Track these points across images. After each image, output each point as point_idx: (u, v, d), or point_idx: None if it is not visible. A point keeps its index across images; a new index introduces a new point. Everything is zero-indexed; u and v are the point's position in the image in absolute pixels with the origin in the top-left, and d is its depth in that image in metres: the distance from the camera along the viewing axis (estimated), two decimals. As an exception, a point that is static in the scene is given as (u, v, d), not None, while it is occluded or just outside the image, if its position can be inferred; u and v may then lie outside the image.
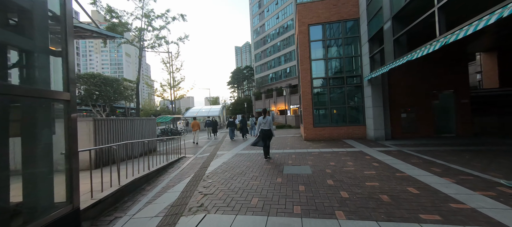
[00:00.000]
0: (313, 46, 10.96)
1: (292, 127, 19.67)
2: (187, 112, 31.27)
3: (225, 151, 9.00)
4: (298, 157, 6.90)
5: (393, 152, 6.92)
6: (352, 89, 10.69)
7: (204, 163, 7.01)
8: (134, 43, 15.13)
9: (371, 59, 9.37)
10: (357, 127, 10.29)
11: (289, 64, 43.94)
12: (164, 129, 18.30)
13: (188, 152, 10.18)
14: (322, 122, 10.88)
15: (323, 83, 10.96)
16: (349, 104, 10.54)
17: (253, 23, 57.19)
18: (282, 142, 10.58)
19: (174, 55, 21.73)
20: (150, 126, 10.62)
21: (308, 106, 10.76)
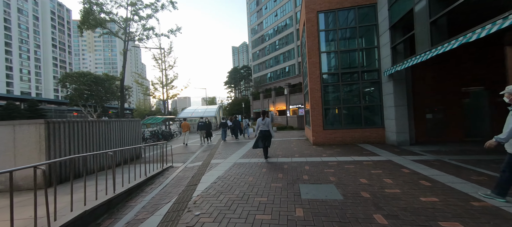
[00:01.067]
0: (322, 37, 9.53)
1: (294, 128, 18.24)
2: (182, 112, 29.58)
3: (220, 158, 7.48)
4: (314, 168, 5.43)
5: (432, 162, 5.51)
6: (368, 86, 9.30)
7: (193, 177, 5.48)
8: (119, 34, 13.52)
9: (392, 51, 7.98)
10: (375, 129, 8.89)
11: (288, 63, 42.59)
12: (154, 131, 16.67)
13: (177, 159, 8.63)
14: (333, 124, 9.46)
15: (334, 79, 9.54)
16: (365, 104, 9.13)
17: (251, 21, 55.70)
18: (287, 147, 9.11)
19: (166, 51, 20.12)
20: (132, 128, 9.03)
21: (317, 105, 9.32)
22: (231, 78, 75.20)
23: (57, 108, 49.32)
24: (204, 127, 12.72)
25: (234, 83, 76.11)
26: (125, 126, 8.49)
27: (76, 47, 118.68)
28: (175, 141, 16.16)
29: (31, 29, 76.19)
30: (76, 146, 5.88)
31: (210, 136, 12.79)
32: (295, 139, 11.75)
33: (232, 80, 75.24)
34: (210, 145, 11.87)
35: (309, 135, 10.47)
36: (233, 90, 79.52)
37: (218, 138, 15.10)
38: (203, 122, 12.88)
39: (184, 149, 11.54)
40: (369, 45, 9.27)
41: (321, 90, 9.31)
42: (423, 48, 6.15)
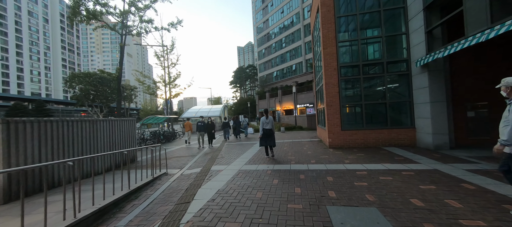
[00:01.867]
0: (340, 24, 8.29)
1: (304, 129, 17.00)
2: (186, 112, 28.80)
3: (222, 164, 6.39)
4: (339, 180, 4.25)
5: (495, 173, 4.22)
6: (395, 80, 8.00)
7: (188, 190, 4.41)
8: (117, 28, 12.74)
9: (428, 36, 6.67)
10: (403, 130, 7.59)
11: (295, 61, 41.21)
12: (156, 132, 15.79)
13: (174, 163, 7.60)
14: (353, 124, 8.21)
15: (354, 72, 8.28)
16: (391, 100, 7.83)
17: (256, 19, 54.55)
18: (300, 150, 7.93)
19: (168, 48, 19.27)
20: (125, 129, 8.07)
21: (333, 103, 8.09)
22: (236, 78, 74.31)
23: (64, 108, 49.74)
24: (203, 128, 10.78)
25: (240, 83, 75.19)
26: (116, 126, 7.52)
27: (84, 48, 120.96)
28: (178, 142, 15.23)
29: (41, 31, 77.73)
30: (50, 151, 4.92)
31: (212, 138, 10.75)
32: (307, 141, 10.54)
33: (237, 80, 74.35)
34: (211, 148, 10.34)
35: (324, 136, 9.24)
36: (238, 90, 78.62)
37: (221, 139, 14.07)
38: (203, 122, 10.87)
39: (186, 150, 10.54)
40: (396, 32, 7.96)
41: (339, 85, 8.08)
42: (476, 28, 4.86)
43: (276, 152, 7.89)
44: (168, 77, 20.30)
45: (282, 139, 12.05)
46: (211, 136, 10.71)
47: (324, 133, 9.08)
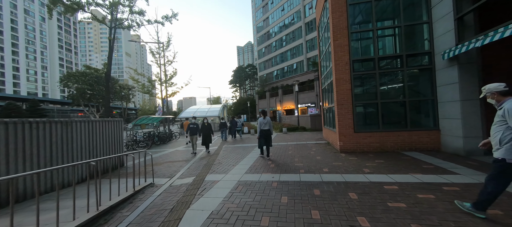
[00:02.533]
0: (353, 12, 7.36)
1: (307, 129, 16.07)
2: (184, 112, 27.82)
3: (219, 173, 5.46)
4: (367, 199, 3.32)
5: None
6: (416, 75, 7.08)
7: (172, 212, 3.47)
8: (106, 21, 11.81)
9: (458, 23, 5.74)
10: (425, 132, 6.66)
11: (296, 59, 40.26)
12: (150, 133, 14.83)
13: (164, 170, 6.65)
14: (367, 125, 7.28)
15: (369, 67, 7.35)
16: (411, 98, 6.90)
17: (256, 17, 53.58)
18: (307, 155, 6.99)
19: (165, 44, 18.32)
20: (109, 131, 7.12)
21: (345, 101, 7.16)
22: (236, 77, 73.37)
23: (60, 108, 48.68)
24: (196, 130, 9.11)
25: (239, 83, 74.25)
26: (98, 128, 6.57)
27: (82, 47, 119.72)
28: (174, 144, 14.28)
29: (37, 30, 76.55)
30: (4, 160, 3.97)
31: (208, 142, 9.26)
32: (313, 143, 9.61)
33: (237, 79, 73.40)
34: (208, 153, 8.83)
35: (333, 139, 8.31)
36: (238, 89, 77.68)
37: (219, 141, 13.12)
38: (195, 124, 9.18)
39: (180, 154, 9.59)
40: (416, 21, 7.03)
41: (351, 82, 7.14)
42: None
43: (281, 157, 6.96)
44: (164, 75, 19.36)
45: (285, 140, 11.12)
46: (207, 140, 9.20)
47: (334, 135, 8.15)
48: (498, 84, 2.49)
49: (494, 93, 2.50)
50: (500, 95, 2.47)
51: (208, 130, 9.36)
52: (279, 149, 8.61)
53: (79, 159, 5.75)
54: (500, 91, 2.46)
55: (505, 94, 2.45)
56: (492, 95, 2.53)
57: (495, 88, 2.49)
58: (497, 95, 2.49)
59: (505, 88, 2.45)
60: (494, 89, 2.49)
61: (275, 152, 8.08)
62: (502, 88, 2.45)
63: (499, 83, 2.49)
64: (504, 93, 2.45)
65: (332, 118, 8.59)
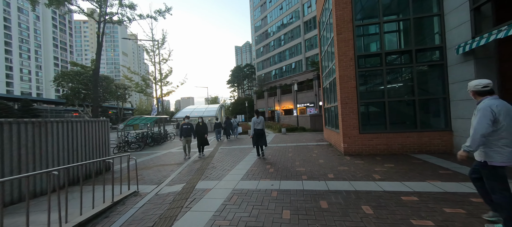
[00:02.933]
0: (357, 4, 6.84)
1: (307, 130, 15.56)
2: (180, 112, 27.14)
3: (212, 179, 4.90)
4: (386, 216, 2.78)
5: None
6: (426, 72, 6.58)
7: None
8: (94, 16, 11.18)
9: (474, 15, 5.25)
10: (437, 133, 6.17)
11: (295, 58, 39.77)
12: (144, 134, 14.19)
13: (153, 176, 6.06)
14: (374, 126, 6.77)
15: (375, 63, 6.85)
16: (421, 97, 6.40)
17: (254, 16, 53.02)
18: (309, 158, 6.46)
19: (159, 41, 17.68)
20: (93, 133, 6.52)
21: (349, 100, 6.64)
22: (234, 77, 72.74)
23: (54, 108, 47.62)
24: (190, 131, 8.15)
25: (237, 82, 73.63)
26: (79, 129, 5.97)
27: (78, 47, 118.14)
28: (169, 145, 13.66)
29: (31, 28, 75.14)
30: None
31: (204, 144, 8.30)
32: (314, 145, 9.08)
33: (235, 79, 72.78)
34: (202, 156, 8.03)
35: (336, 140, 7.79)
36: (236, 89, 77.04)
37: (215, 142, 12.54)
38: (189, 125, 8.19)
39: (173, 156, 8.99)
40: (426, 13, 6.54)
41: (356, 79, 6.62)
42: None
43: (281, 160, 6.42)
44: (159, 74, 18.73)
45: (284, 142, 10.58)
46: (203, 141, 8.21)
47: (337, 136, 7.62)
48: (478, 82, 2.34)
49: (472, 92, 2.40)
50: (477, 94, 2.37)
51: (203, 130, 8.40)
52: (278, 151, 8.07)
53: (56, 164, 5.15)
54: (477, 91, 2.34)
55: (481, 94, 2.34)
56: (471, 93, 2.43)
57: (473, 87, 2.36)
58: (474, 95, 2.39)
59: (484, 88, 2.29)
60: (472, 88, 2.38)
61: (274, 154, 7.54)
62: (480, 88, 2.31)
63: (479, 81, 2.34)
64: (481, 93, 2.33)
65: (335, 118, 8.07)
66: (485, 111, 2.20)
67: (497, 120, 2.17)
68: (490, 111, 2.18)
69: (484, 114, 2.20)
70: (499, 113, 2.17)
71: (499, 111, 2.17)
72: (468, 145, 2.28)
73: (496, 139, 2.20)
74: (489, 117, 2.18)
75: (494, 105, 2.19)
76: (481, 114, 2.22)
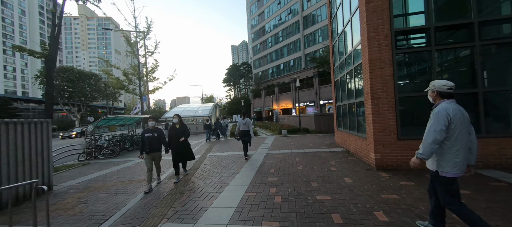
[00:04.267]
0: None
1: (310, 131, 13.71)
2: (170, 111, 25.03)
3: (185, 219, 2.94)
4: None
5: None
6: (494, 54, 4.77)
7: None
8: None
9: None
10: (509, 140, 4.35)
11: (293, 56, 37.92)
12: (122, 136, 12.11)
13: (102, 202, 4.06)
14: (418, 129, 4.90)
15: (420, 42, 5.00)
16: (488, 88, 4.58)
17: (251, 11, 50.97)
18: (329, 175, 4.56)
19: (144, 28, 15.62)
20: (24, 139, 4.48)
21: (384, 93, 4.79)
22: (230, 76, 70.64)
23: (37, 107, 44.66)
24: (156, 143, 4.79)
25: (233, 81, 71.55)
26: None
27: (69, 44, 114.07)
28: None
29: (16, 23, 71.47)
30: None
31: (185, 159, 5.36)
32: (326, 152, 7.20)
33: (231, 78, 70.69)
34: (185, 174, 5.38)
35: (359, 148, 5.91)
36: (232, 88, 74.94)
37: (202, 143, 10.55)
38: (154, 132, 4.76)
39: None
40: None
41: (393, 64, 4.76)
42: None
43: (288, 176, 4.52)
44: (145, 68, 16.64)
45: (287, 146, 8.68)
46: (183, 154, 5.17)
47: (361, 143, 5.75)
48: (445, 82, 2.08)
49: (434, 92, 2.16)
50: (439, 96, 2.13)
51: (180, 136, 5.03)
52: (282, 161, 6.17)
53: None
54: (442, 92, 2.09)
55: (443, 96, 2.11)
56: (431, 93, 2.20)
57: (439, 87, 2.11)
58: (436, 96, 2.15)
59: (449, 90, 2.06)
60: (437, 88, 2.12)
61: (278, 166, 5.63)
62: (446, 89, 2.07)
63: (446, 82, 2.08)
64: (444, 95, 2.10)
65: (355, 117, 6.20)
66: (440, 116, 2.01)
67: (451, 125, 1.99)
68: (446, 115, 1.99)
69: (439, 118, 2.01)
70: (453, 118, 1.98)
71: (454, 116, 1.98)
72: (420, 152, 2.10)
73: (449, 147, 2.01)
74: (444, 122, 1.98)
75: (450, 110, 2.00)
76: (436, 118, 2.03)
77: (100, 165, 8.36)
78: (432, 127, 2.02)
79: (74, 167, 8.30)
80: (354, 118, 6.42)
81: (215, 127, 13.64)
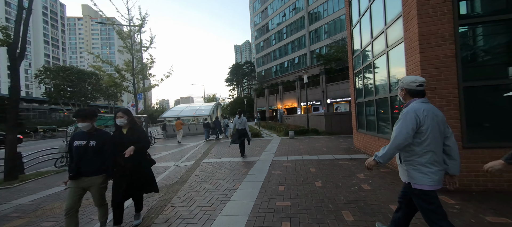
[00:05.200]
0: None
1: (321, 133, 12.26)
2: (168, 111, 23.84)
3: None
4: None
5: None
6: None
7: None
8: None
9: None
10: None
11: (298, 53, 36.39)
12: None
13: None
14: (493, 132, 3.46)
15: (493, 8, 3.54)
16: None
17: (254, 8, 49.61)
18: (363, 198, 3.17)
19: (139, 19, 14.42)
20: None
21: (442, 82, 3.42)
22: (232, 75, 69.47)
23: (37, 107, 44.18)
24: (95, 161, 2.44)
25: (236, 81, 70.37)
26: None
27: (73, 44, 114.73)
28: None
29: (20, 24, 71.41)
30: None
31: (142, 192, 2.88)
32: (347, 159, 5.78)
33: (234, 77, 69.51)
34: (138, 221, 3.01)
35: (397, 156, 4.46)
36: (235, 88, 73.73)
37: (201, 144, 9.21)
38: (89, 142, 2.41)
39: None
40: None
41: (456, 40, 3.34)
42: None
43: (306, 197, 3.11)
44: (138, 63, 15.43)
45: (297, 152, 7.28)
46: (137, 187, 2.73)
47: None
48: (414, 78, 1.79)
49: (403, 90, 1.86)
50: (409, 94, 1.82)
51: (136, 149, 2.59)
52: (294, 172, 4.79)
53: None
54: (411, 89, 1.79)
55: (413, 95, 1.80)
56: (401, 92, 1.89)
57: (407, 84, 1.81)
58: (406, 94, 1.85)
59: (419, 87, 1.77)
60: (406, 85, 1.82)
61: (288, 178, 4.26)
62: (415, 86, 1.77)
63: (415, 78, 1.79)
64: (413, 93, 1.80)
65: (389, 116, 4.78)
66: (408, 117, 1.70)
67: (421, 128, 1.68)
68: (414, 117, 1.68)
69: (406, 120, 1.69)
70: (424, 120, 1.67)
71: (425, 117, 1.67)
72: (380, 154, 1.77)
73: (421, 154, 1.70)
74: (412, 124, 1.68)
75: (420, 110, 1.69)
76: (403, 120, 1.72)
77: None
78: (399, 129, 1.71)
79: (46, 175, 7.08)
80: (385, 117, 4.99)
81: (214, 125, 13.55)
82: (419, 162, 1.71)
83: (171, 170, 6.41)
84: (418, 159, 1.71)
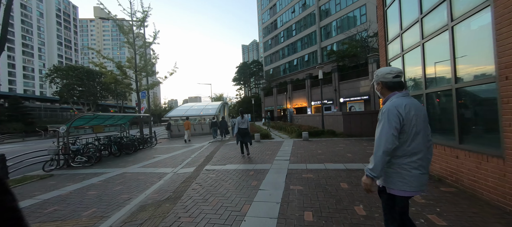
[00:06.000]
0: None
1: (338, 134, 10.94)
2: (173, 110, 23.06)
3: None
4: None
5: None
6: None
7: None
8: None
9: None
10: None
11: (308, 50, 34.87)
12: (110, 138, 10.09)
13: None
14: None
15: None
16: None
17: (262, 5, 48.42)
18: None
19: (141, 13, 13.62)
20: None
21: None
22: (240, 74, 68.56)
23: (48, 106, 45.00)
24: None
25: (244, 80, 69.40)
26: None
27: (85, 45, 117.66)
28: (146, 154, 9.49)
29: (35, 25, 73.79)
30: None
31: None
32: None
33: (241, 76, 68.58)
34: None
35: (474, 173, 3.20)
36: (242, 87, 72.82)
37: (205, 146, 8.17)
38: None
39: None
40: None
41: None
42: None
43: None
44: (141, 60, 14.67)
45: (316, 158, 6.05)
46: None
47: (478, 165, 3.05)
48: (388, 69, 1.56)
49: (379, 84, 1.60)
50: (386, 88, 1.57)
51: None
52: (319, 190, 3.59)
53: None
54: (387, 82, 1.55)
55: (391, 88, 1.55)
56: (377, 86, 1.63)
57: (382, 76, 1.56)
58: (382, 89, 1.59)
59: (395, 78, 1.53)
60: (381, 78, 1.57)
61: (314, 200, 3.08)
62: (391, 78, 1.53)
63: (390, 69, 1.55)
64: (390, 86, 1.55)
65: (453, 117, 3.50)
66: (389, 116, 1.44)
67: (404, 127, 1.44)
68: (396, 115, 1.43)
69: (388, 119, 1.43)
70: (407, 116, 1.43)
71: (407, 113, 1.43)
72: (370, 167, 1.48)
73: (402, 154, 1.46)
74: (395, 124, 1.42)
75: (402, 106, 1.44)
76: (385, 120, 1.45)
77: (62, 179, 6.23)
78: (382, 132, 1.44)
79: (30, 180, 6.24)
80: (449, 117, 3.70)
81: (220, 125, 13.48)
82: (397, 164, 1.47)
83: (167, 178, 5.38)
84: (398, 160, 1.47)
